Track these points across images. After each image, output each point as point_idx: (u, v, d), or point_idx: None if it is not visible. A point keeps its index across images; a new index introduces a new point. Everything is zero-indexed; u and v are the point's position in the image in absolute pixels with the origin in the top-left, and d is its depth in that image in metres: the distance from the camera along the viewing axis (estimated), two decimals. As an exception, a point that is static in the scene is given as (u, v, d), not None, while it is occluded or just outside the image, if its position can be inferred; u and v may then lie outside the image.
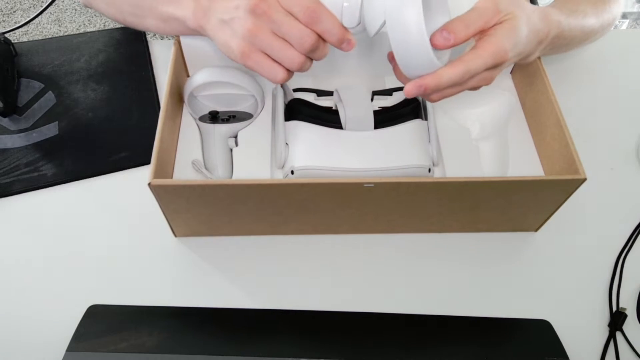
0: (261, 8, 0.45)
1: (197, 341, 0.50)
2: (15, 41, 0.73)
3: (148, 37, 0.77)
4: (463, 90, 0.49)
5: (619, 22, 1.81)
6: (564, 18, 0.55)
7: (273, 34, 0.46)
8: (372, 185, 0.49)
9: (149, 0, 0.56)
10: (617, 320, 0.54)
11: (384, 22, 0.44)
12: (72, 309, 0.52)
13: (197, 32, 0.53)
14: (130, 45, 0.75)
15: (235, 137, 0.59)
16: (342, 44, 0.46)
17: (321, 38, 0.46)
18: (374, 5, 0.46)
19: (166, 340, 0.50)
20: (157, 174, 0.49)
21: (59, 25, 1.86)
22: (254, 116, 0.61)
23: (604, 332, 0.54)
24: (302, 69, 0.48)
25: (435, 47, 0.44)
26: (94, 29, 1.76)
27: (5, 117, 0.66)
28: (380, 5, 0.45)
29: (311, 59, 0.49)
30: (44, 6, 0.76)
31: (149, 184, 0.48)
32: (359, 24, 0.48)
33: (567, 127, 0.53)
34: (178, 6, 0.53)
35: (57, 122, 0.66)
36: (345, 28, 0.46)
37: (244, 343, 0.50)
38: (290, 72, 0.48)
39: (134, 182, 0.62)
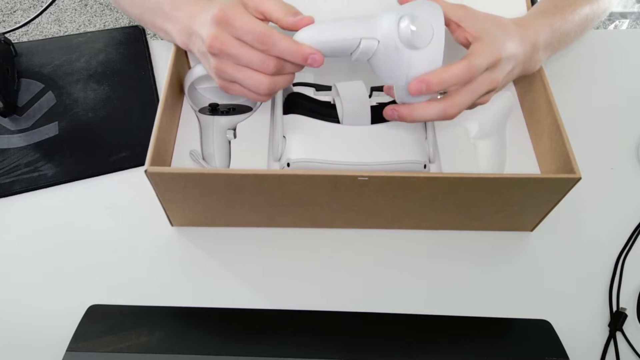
0: (216, 47, 0.46)
1: (197, 341, 0.50)
2: (15, 41, 0.73)
3: (148, 37, 0.77)
4: (471, 102, 0.49)
5: (619, 22, 1.81)
6: (550, 20, 0.56)
7: (236, 65, 0.47)
8: (366, 178, 0.49)
9: (149, 14, 0.58)
10: (617, 320, 0.54)
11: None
12: (72, 309, 0.52)
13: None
14: (130, 45, 0.75)
15: (234, 129, 0.60)
16: (307, 61, 0.46)
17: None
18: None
19: (166, 340, 0.50)
20: (154, 161, 0.49)
21: (59, 25, 1.86)
22: (254, 109, 0.61)
23: (604, 332, 0.54)
24: (272, 90, 0.48)
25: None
26: (94, 29, 1.76)
27: (5, 117, 0.66)
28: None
29: (290, 73, 0.49)
30: (44, 6, 0.76)
31: (145, 171, 0.48)
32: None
33: (564, 126, 0.53)
34: (169, 24, 0.55)
35: (57, 122, 0.66)
36: (304, 45, 0.46)
37: (243, 343, 0.50)
38: (268, 93, 0.49)
39: (134, 182, 0.62)
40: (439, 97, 0.49)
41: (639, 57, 0.77)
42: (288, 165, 0.55)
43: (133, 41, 0.75)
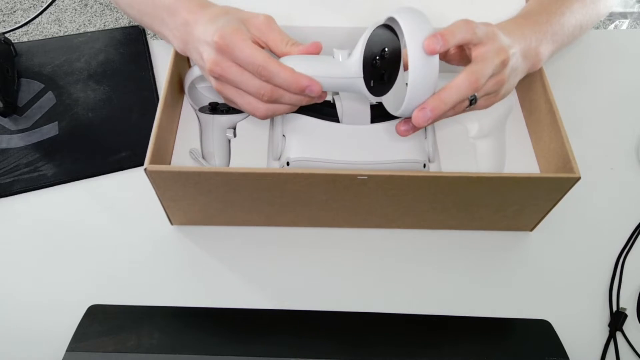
0: (216, 72, 0.48)
1: (197, 341, 0.50)
2: (15, 41, 0.73)
3: (148, 37, 0.77)
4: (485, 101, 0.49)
5: (619, 22, 1.81)
6: (534, 18, 0.57)
7: (236, 89, 0.49)
8: (366, 177, 0.49)
9: (147, 18, 0.58)
10: (617, 320, 0.54)
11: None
12: (72, 309, 0.52)
13: None
14: (130, 45, 0.75)
15: (234, 128, 0.60)
16: (304, 91, 0.47)
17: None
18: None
19: (166, 340, 0.50)
20: (154, 160, 0.49)
21: (59, 25, 1.86)
22: None
23: (604, 332, 0.54)
24: (268, 115, 0.49)
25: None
26: (94, 29, 1.76)
27: (5, 117, 0.66)
28: None
29: (289, 104, 0.50)
30: (44, 6, 0.76)
31: (145, 169, 0.48)
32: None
33: (564, 126, 0.53)
34: (166, 30, 0.55)
35: (57, 122, 0.66)
36: (302, 76, 0.47)
37: (244, 343, 0.50)
38: (265, 117, 0.50)
39: (134, 182, 0.62)
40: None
41: (639, 57, 0.77)
42: (288, 164, 0.55)
43: (133, 41, 0.75)
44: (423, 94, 0.46)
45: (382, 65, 0.50)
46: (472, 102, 0.48)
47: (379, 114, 0.58)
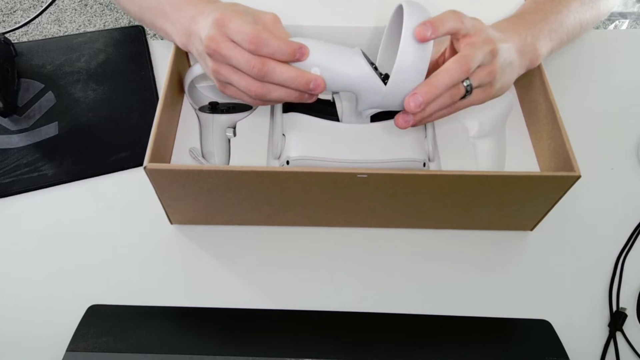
0: (211, 47, 0.48)
1: (197, 341, 0.50)
2: (15, 41, 0.73)
3: (148, 37, 0.77)
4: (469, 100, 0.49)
5: (619, 22, 1.81)
6: (531, 16, 0.57)
7: (232, 68, 0.48)
8: (365, 175, 0.49)
9: (149, 14, 0.58)
10: (617, 320, 0.54)
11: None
12: (72, 309, 0.52)
13: None
14: (130, 45, 0.75)
15: (234, 127, 0.60)
16: (296, 55, 0.47)
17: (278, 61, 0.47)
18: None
19: (166, 340, 0.50)
20: (154, 158, 0.49)
21: (59, 25, 1.86)
22: (253, 108, 0.61)
23: (604, 332, 0.54)
24: (262, 94, 0.48)
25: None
26: (94, 29, 1.76)
27: (5, 117, 0.66)
28: None
29: (282, 86, 0.48)
30: (44, 6, 0.76)
31: (145, 168, 0.48)
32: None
33: (564, 125, 0.53)
34: (169, 25, 0.55)
35: (57, 122, 0.66)
36: (292, 42, 0.47)
37: (243, 343, 0.50)
38: (260, 97, 0.49)
39: (133, 181, 0.62)
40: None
41: (639, 57, 0.77)
42: (287, 163, 0.55)
43: (133, 41, 0.75)
44: (413, 79, 0.46)
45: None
46: (468, 91, 0.48)
47: (378, 113, 0.58)
